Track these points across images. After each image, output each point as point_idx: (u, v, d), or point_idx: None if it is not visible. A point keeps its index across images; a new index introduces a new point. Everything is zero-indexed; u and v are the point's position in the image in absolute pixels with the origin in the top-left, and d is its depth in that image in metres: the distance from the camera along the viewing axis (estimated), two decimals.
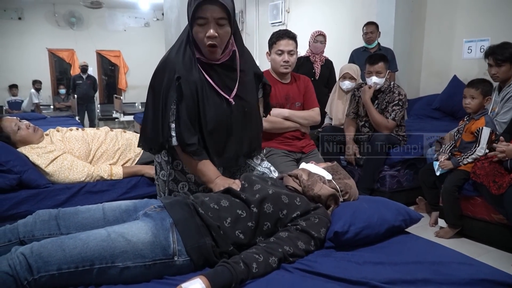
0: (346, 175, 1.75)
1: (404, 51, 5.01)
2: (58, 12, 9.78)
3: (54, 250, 1.18)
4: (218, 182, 1.70)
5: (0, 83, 9.27)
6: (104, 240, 1.23)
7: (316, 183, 1.60)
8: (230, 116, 1.75)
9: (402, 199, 3.01)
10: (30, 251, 1.16)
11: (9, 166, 2.22)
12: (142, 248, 1.25)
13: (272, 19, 7.55)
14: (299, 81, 2.86)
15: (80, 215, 1.44)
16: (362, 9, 5.78)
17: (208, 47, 1.62)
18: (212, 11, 1.56)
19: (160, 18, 10.00)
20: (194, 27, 1.60)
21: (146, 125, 1.78)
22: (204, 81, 1.69)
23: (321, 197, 1.58)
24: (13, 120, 2.52)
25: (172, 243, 1.29)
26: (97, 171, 2.44)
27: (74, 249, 1.19)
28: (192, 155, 1.69)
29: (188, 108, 1.66)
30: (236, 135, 1.80)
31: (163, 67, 1.71)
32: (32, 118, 4.76)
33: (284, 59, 2.66)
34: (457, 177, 2.85)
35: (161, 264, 1.27)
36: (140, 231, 1.29)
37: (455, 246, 2.11)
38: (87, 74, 8.59)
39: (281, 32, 2.70)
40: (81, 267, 1.18)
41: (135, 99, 10.26)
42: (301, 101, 2.84)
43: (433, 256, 1.38)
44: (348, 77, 3.81)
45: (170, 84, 1.65)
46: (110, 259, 1.21)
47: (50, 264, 1.15)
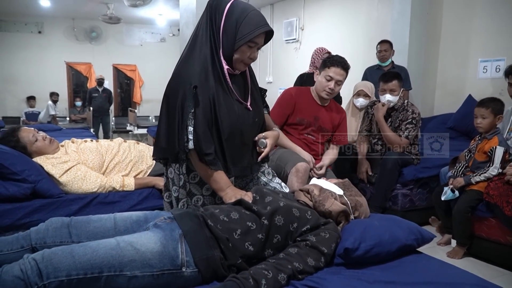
0: (357, 192, 1.74)
1: (418, 70, 5.00)
2: (77, 27, 10.00)
3: (64, 256, 1.20)
4: (229, 192, 1.70)
5: (19, 94, 9.49)
6: (113, 248, 1.25)
7: (327, 199, 1.59)
8: (245, 123, 1.78)
9: (415, 219, 2.95)
10: (41, 256, 1.19)
11: (24, 175, 2.25)
12: (150, 258, 1.26)
13: (286, 36, 7.62)
14: (336, 112, 2.89)
15: (92, 224, 1.46)
16: (376, 28, 5.80)
17: (246, 64, 1.77)
18: (262, 39, 1.75)
19: (176, 34, 10.16)
20: (243, 48, 1.69)
21: (160, 136, 1.78)
22: (220, 90, 1.72)
23: (332, 213, 1.56)
24: (30, 131, 2.56)
25: (181, 254, 1.30)
26: (109, 182, 2.46)
27: (84, 256, 1.21)
28: (208, 164, 1.69)
29: (205, 115, 1.68)
30: (250, 143, 1.85)
31: (178, 77, 1.73)
32: (48, 130, 4.85)
33: (329, 86, 2.69)
34: (471, 198, 2.80)
35: (169, 274, 1.27)
36: (149, 241, 1.30)
37: (467, 267, 2.06)
38: (103, 87, 8.73)
39: (338, 60, 2.70)
40: (90, 274, 1.19)
41: (149, 112, 10.36)
42: (330, 129, 2.85)
43: (445, 277, 1.36)
44: (363, 94, 3.82)
45: (186, 93, 1.66)
46: (118, 267, 1.22)
47: (59, 270, 1.17)
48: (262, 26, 1.68)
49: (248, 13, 1.68)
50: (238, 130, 1.76)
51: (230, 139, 1.74)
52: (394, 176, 3.39)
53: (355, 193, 1.72)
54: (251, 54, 1.73)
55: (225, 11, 1.68)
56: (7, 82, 9.50)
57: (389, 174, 3.37)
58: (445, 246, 3.07)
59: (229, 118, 1.72)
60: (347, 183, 1.77)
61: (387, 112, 3.46)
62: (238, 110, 1.76)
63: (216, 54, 1.71)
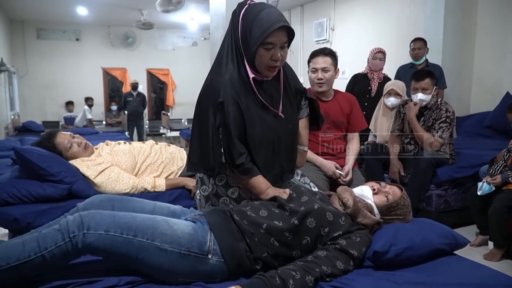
0: (402, 212, 1.64)
1: (454, 67, 4.86)
2: (113, 33, 10.31)
3: (107, 215, 1.33)
4: (269, 192, 1.70)
5: (58, 99, 9.85)
6: (150, 219, 1.37)
7: (359, 212, 1.53)
8: (277, 131, 1.75)
9: (450, 220, 2.89)
10: (87, 212, 1.33)
11: (60, 177, 2.34)
12: (180, 236, 1.34)
13: (316, 36, 7.58)
14: (343, 100, 2.79)
15: (133, 203, 1.57)
16: (408, 26, 5.68)
17: (271, 68, 1.66)
18: (280, 36, 1.61)
19: (207, 38, 10.29)
20: (260, 51, 1.61)
21: (193, 151, 1.77)
22: (249, 99, 1.69)
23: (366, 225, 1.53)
24: (66, 137, 2.62)
25: (209, 241, 1.36)
26: (141, 183, 2.52)
27: (123, 218, 1.34)
28: (241, 174, 1.69)
29: (235, 127, 1.66)
30: (282, 152, 1.80)
31: (209, 89, 1.72)
32: (85, 133, 5.02)
33: (317, 76, 2.64)
34: (508, 197, 2.71)
35: (195, 257, 1.33)
36: (183, 224, 1.41)
37: (505, 270, 1.98)
38: (137, 91, 8.93)
39: (317, 50, 2.68)
40: (125, 234, 1.29)
41: (182, 115, 10.53)
42: (344, 120, 2.78)
43: (478, 278, 1.32)
44: (393, 93, 3.74)
45: (215, 107, 1.66)
46: (151, 236, 1.32)
47: (100, 225, 1.29)
48: (272, 24, 1.56)
49: (258, 14, 1.60)
50: (268, 139, 1.73)
51: (260, 148, 1.72)
52: (428, 177, 3.30)
53: (401, 212, 1.64)
54: (273, 56, 1.62)
55: (241, 16, 1.64)
56: (47, 88, 9.89)
57: (422, 174, 3.29)
58: (481, 248, 2.97)
59: (259, 128, 1.70)
60: (396, 203, 1.63)
61: (420, 111, 3.38)
62: (268, 119, 1.72)
63: (242, 63, 1.67)
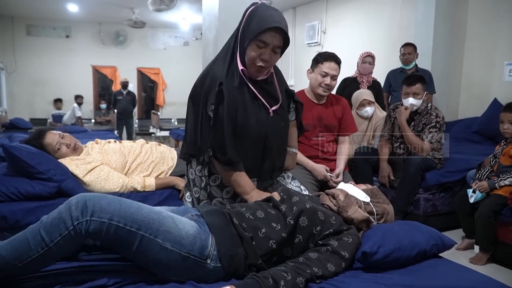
0: (385, 200, 1.71)
1: (443, 73, 4.92)
2: (103, 31, 10.24)
3: (113, 201, 1.27)
4: (253, 194, 1.71)
5: (47, 97, 9.75)
6: (156, 213, 1.32)
7: (350, 206, 1.58)
8: (269, 127, 1.77)
9: (437, 224, 2.91)
10: (92, 196, 1.27)
11: (49, 175, 2.32)
12: (184, 237, 1.30)
13: (308, 39, 7.61)
14: (336, 104, 2.81)
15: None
16: (400, 31, 5.74)
17: (257, 67, 1.67)
18: (274, 38, 1.62)
19: (199, 38, 10.27)
20: (251, 46, 1.63)
21: (187, 134, 1.80)
22: (245, 91, 1.71)
23: (353, 221, 1.56)
24: (55, 138, 2.56)
25: (210, 246, 1.34)
26: (131, 182, 2.50)
27: (130, 208, 1.28)
28: (228, 165, 1.70)
29: (228, 114, 1.67)
30: (273, 148, 1.82)
31: (205, 76, 1.74)
32: (74, 131, 4.97)
33: (326, 82, 2.64)
34: (494, 202, 2.74)
35: (194, 261, 1.31)
36: (188, 223, 1.37)
37: (490, 273, 2.00)
38: (127, 90, 8.87)
39: (329, 55, 2.65)
40: (129, 226, 1.24)
41: (172, 115, 10.49)
42: (336, 123, 2.79)
43: (466, 282, 1.33)
44: (366, 103, 3.71)
45: (211, 89, 1.67)
46: (154, 232, 1.27)
47: (104, 212, 1.22)
48: (270, 23, 1.58)
49: (263, 12, 1.63)
50: (260, 132, 1.75)
51: (251, 141, 1.74)
52: (417, 181, 3.34)
53: (383, 200, 1.69)
54: (262, 55, 1.64)
55: (248, 12, 1.67)
56: (36, 85, 9.80)
57: (411, 178, 3.32)
58: (468, 252, 3.00)
59: (253, 120, 1.72)
60: (375, 190, 1.74)
61: (410, 116, 3.41)
62: (262, 114, 1.75)
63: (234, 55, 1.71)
